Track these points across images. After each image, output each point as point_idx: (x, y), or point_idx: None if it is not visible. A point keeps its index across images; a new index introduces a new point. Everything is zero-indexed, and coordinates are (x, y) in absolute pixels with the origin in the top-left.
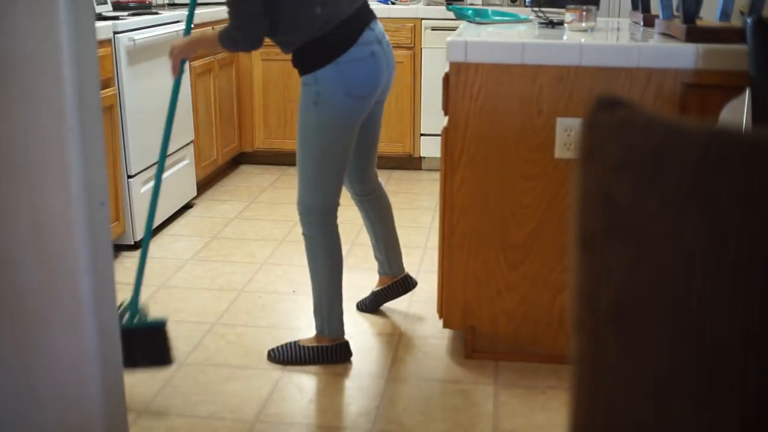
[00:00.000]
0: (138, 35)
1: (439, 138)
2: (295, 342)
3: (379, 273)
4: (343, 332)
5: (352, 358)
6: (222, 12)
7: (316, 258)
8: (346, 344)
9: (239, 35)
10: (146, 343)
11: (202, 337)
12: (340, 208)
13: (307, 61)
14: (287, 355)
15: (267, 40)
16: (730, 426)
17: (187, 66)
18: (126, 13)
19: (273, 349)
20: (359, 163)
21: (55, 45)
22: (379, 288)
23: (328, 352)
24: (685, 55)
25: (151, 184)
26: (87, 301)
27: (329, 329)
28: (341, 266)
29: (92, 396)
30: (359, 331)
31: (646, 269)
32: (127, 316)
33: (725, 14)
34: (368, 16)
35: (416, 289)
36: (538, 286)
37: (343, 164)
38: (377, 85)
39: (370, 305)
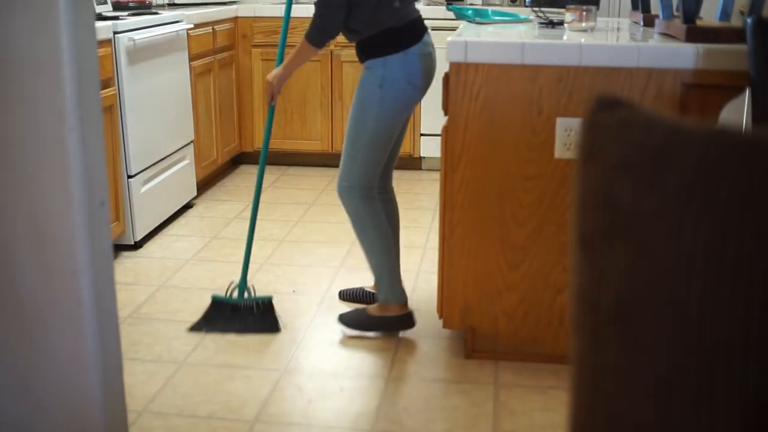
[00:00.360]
0: (138, 35)
1: (439, 138)
2: (364, 308)
3: None
4: (406, 297)
5: (352, 358)
6: (223, 12)
7: (367, 233)
8: (410, 314)
9: (321, 22)
10: (257, 314)
11: (202, 337)
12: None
13: (378, 47)
14: (356, 321)
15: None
16: (730, 426)
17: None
18: (126, 13)
19: (344, 314)
20: (387, 159)
21: (55, 45)
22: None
23: (394, 322)
24: (685, 55)
25: (151, 183)
26: (87, 301)
27: (394, 296)
28: (390, 236)
29: (92, 396)
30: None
31: (646, 269)
32: (236, 292)
33: (725, 14)
34: (425, 25)
35: (416, 289)
36: (538, 286)
37: (387, 149)
38: (430, 81)
39: (351, 297)
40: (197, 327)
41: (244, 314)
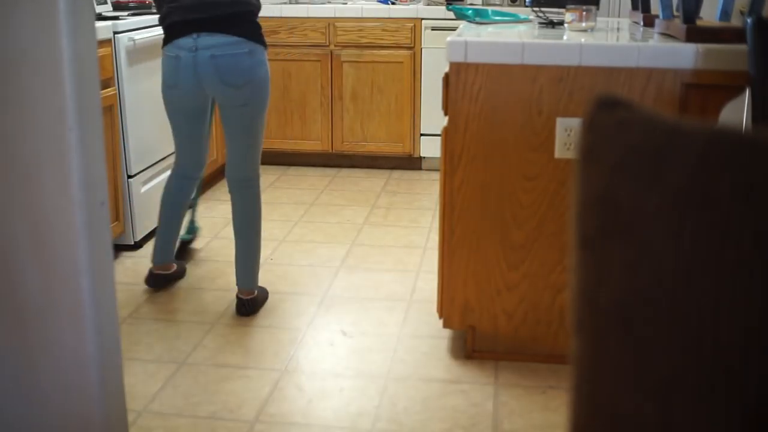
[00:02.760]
0: (138, 35)
1: (439, 138)
2: (258, 291)
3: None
4: None
5: (352, 358)
6: None
7: (259, 215)
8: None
9: None
10: None
11: (202, 337)
12: (343, 208)
13: (260, 32)
14: (259, 305)
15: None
16: (730, 426)
17: None
18: (126, 13)
19: (244, 306)
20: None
21: (55, 45)
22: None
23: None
24: (684, 55)
25: (151, 184)
26: (87, 301)
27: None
28: None
29: (92, 396)
30: (359, 331)
31: (646, 269)
32: None
33: (725, 14)
34: None
35: (416, 289)
36: (538, 286)
37: None
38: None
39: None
40: None
41: None
